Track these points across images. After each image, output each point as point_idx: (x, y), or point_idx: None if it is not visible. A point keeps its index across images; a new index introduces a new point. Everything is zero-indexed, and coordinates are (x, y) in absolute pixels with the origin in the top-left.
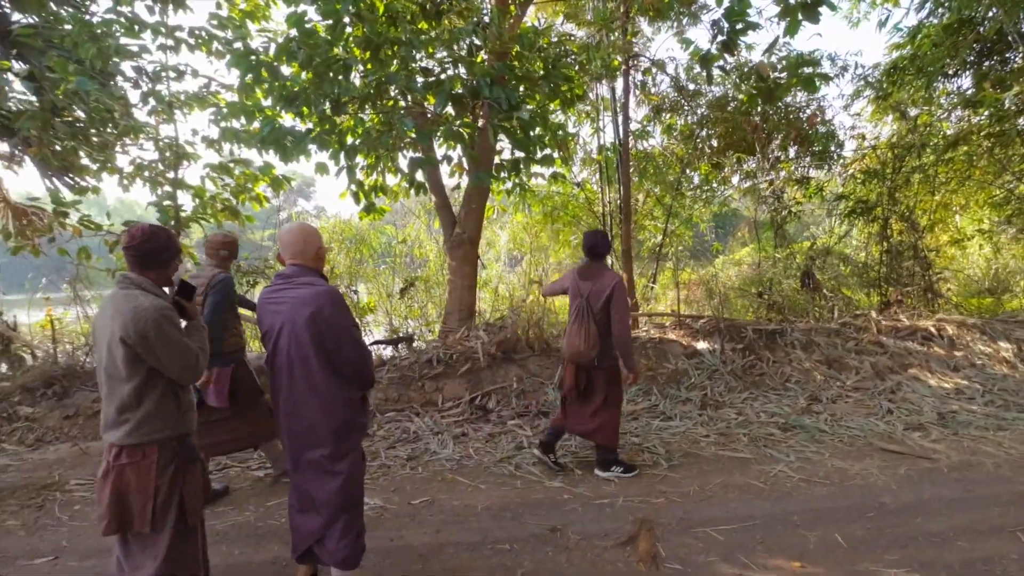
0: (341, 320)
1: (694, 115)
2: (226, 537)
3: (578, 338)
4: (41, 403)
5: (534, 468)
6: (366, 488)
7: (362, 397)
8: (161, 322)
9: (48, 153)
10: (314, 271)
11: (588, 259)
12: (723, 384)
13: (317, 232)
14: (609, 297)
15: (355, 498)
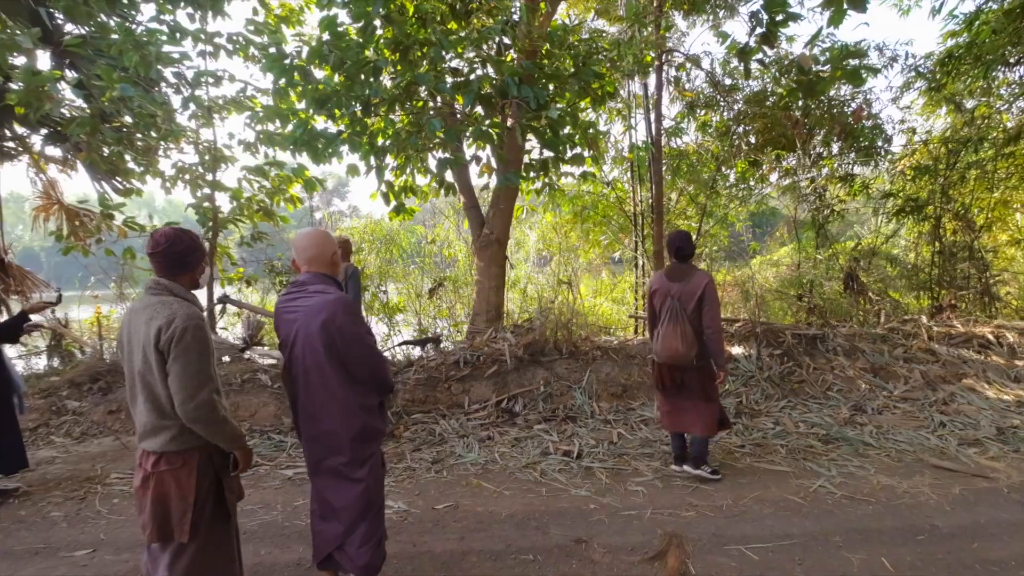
0: (353, 327)
1: (731, 111)
2: (254, 536)
3: (675, 339)
4: (87, 397)
5: (559, 475)
6: (391, 491)
7: (380, 403)
8: (192, 331)
9: (96, 157)
10: (328, 278)
11: (675, 260)
12: (759, 391)
13: (331, 238)
14: (701, 297)
15: (375, 504)
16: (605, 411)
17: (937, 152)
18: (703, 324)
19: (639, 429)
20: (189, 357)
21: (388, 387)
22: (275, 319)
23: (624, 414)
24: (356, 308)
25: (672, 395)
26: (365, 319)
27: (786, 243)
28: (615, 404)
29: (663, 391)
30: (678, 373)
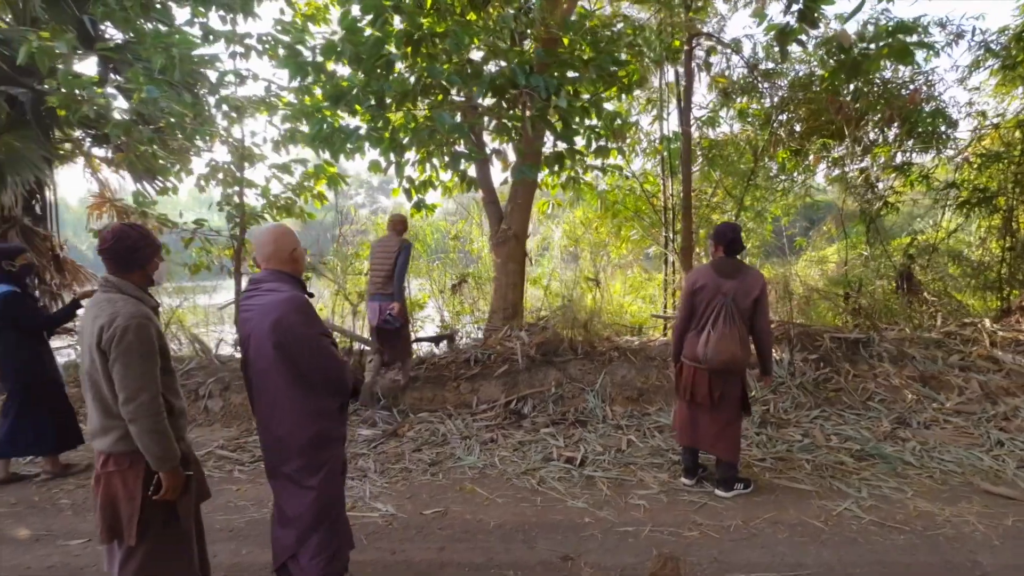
0: (305, 329)
1: (771, 97)
2: (239, 534)
3: (733, 343)
4: None
5: (558, 483)
6: (383, 493)
7: (340, 406)
8: (134, 331)
9: (133, 157)
10: (285, 276)
11: (723, 255)
12: (789, 399)
13: (290, 233)
14: (758, 298)
15: (329, 514)
16: (618, 416)
17: (1010, 137)
18: (755, 327)
19: (652, 436)
20: (130, 358)
21: (345, 391)
22: (237, 319)
23: (638, 419)
24: (309, 307)
25: (704, 408)
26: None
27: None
28: (630, 408)
29: (691, 402)
30: (720, 382)
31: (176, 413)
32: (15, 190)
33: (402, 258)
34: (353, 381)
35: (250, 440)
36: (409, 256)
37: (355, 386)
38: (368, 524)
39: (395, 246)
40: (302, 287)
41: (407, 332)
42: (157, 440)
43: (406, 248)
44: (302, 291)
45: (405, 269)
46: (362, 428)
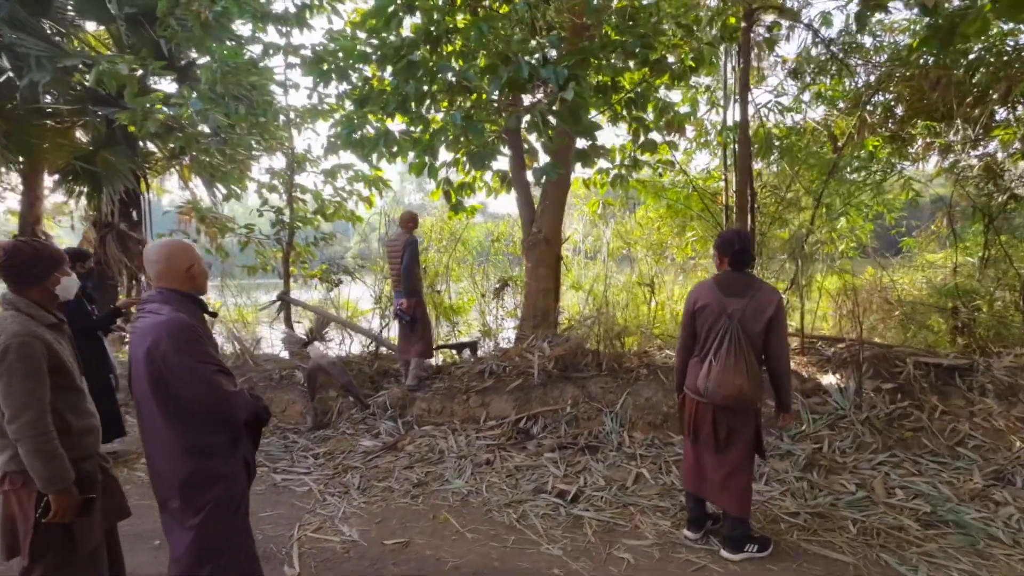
0: (180, 356)
1: (856, 76)
2: None
3: (739, 374)
4: None
5: (540, 521)
6: (355, 514)
7: (230, 441)
8: (16, 350)
9: (197, 166)
10: (179, 294)
11: (731, 268)
12: (851, 437)
13: (186, 249)
14: (771, 319)
15: (213, 558)
16: (636, 443)
17: None
18: (769, 354)
19: (667, 472)
20: (11, 377)
21: (233, 423)
22: None
23: (657, 449)
24: (189, 331)
25: (709, 448)
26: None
27: (945, 240)
28: (651, 436)
29: (695, 440)
30: (728, 420)
31: (75, 432)
32: (112, 199)
33: (407, 254)
34: (254, 409)
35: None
36: (415, 252)
37: (257, 415)
38: (326, 549)
39: (401, 243)
40: (198, 306)
41: (420, 332)
42: (43, 461)
43: (410, 244)
44: (197, 311)
45: (412, 265)
46: (365, 439)
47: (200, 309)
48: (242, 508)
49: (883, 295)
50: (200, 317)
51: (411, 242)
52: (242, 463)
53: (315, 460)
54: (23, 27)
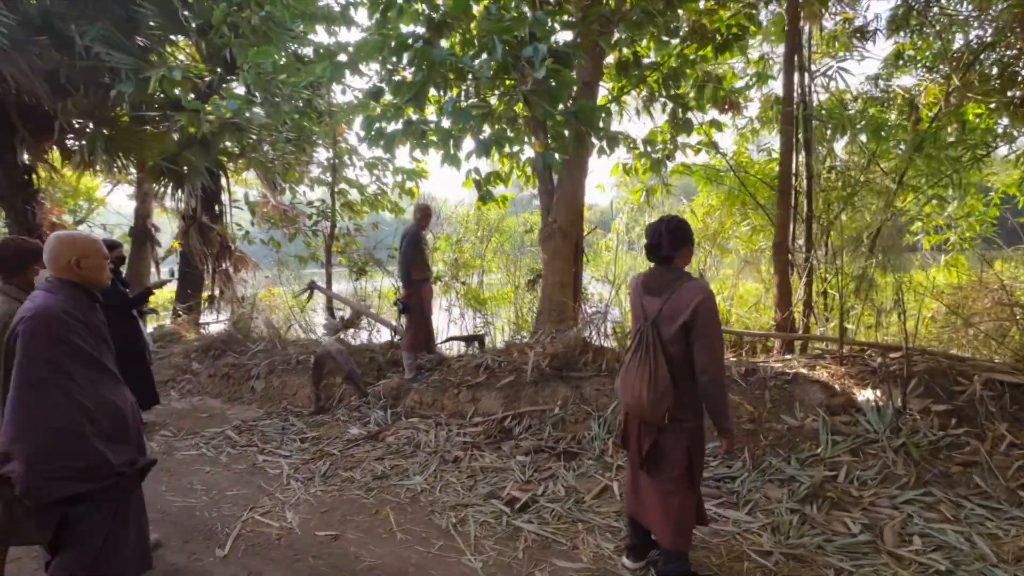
0: (32, 350)
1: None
2: (164, 519)
3: (638, 382)
4: (205, 362)
5: (477, 529)
6: (307, 501)
7: (108, 435)
8: None
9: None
10: (64, 283)
11: (655, 264)
12: (876, 467)
13: (73, 242)
14: (688, 323)
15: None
16: (620, 453)
17: None
18: (695, 365)
19: None
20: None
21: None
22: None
23: None
24: (53, 324)
25: (637, 465)
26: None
27: None
28: None
29: (632, 454)
30: (652, 434)
31: None
32: (193, 194)
33: (404, 245)
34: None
35: (263, 422)
36: (413, 243)
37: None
38: (262, 534)
39: (402, 235)
40: (87, 296)
41: (418, 323)
42: None
43: (408, 235)
44: (85, 300)
45: (408, 256)
46: (354, 427)
47: (89, 299)
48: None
49: (996, 295)
50: (87, 306)
51: (407, 233)
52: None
53: (300, 444)
54: (114, 44)
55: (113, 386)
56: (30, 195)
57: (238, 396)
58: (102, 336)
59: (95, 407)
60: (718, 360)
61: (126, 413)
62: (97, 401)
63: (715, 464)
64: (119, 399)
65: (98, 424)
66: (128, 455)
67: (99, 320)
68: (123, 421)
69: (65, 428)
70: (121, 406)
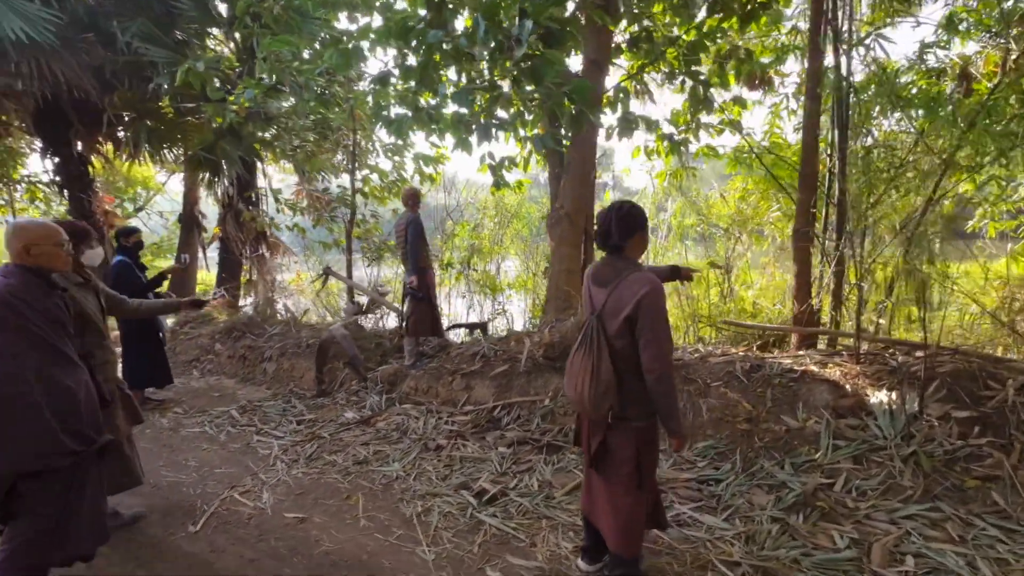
0: None
1: None
2: (149, 492)
3: (581, 377)
4: (226, 343)
5: (439, 520)
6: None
7: (59, 415)
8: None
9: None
10: (25, 268)
11: (606, 252)
12: (880, 476)
13: (23, 228)
14: (631, 317)
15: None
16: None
17: None
18: (642, 362)
19: None
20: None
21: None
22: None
23: None
24: (4, 307)
25: (588, 462)
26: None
27: None
28: None
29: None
30: (599, 431)
31: (99, 361)
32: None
33: (410, 233)
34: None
35: (268, 403)
36: (418, 230)
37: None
38: (236, 513)
39: (404, 222)
40: (42, 280)
41: (424, 309)
42: None
43: (412, 222)
44: (37, 284)
45: (416, 243)
46: (350, 411)
47: (45, 284)
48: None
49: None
50: (40, 290)
51: (412, 220)
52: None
53: (296, 426)
54: (151, 39)
55: (64, 367)
56: (85, 184)
57: (251, 377)
58: (56, 319)
59: (44, 388)
60: (664, 356)
61: (77, 394)
62: (47, 382)
63: (702, 465)
64: (71, 380)
65: (49, 405)
66: (81, 435)
67: (53, 304)
68: (74, 402)
69: (11, 408)
70: (72, 387)
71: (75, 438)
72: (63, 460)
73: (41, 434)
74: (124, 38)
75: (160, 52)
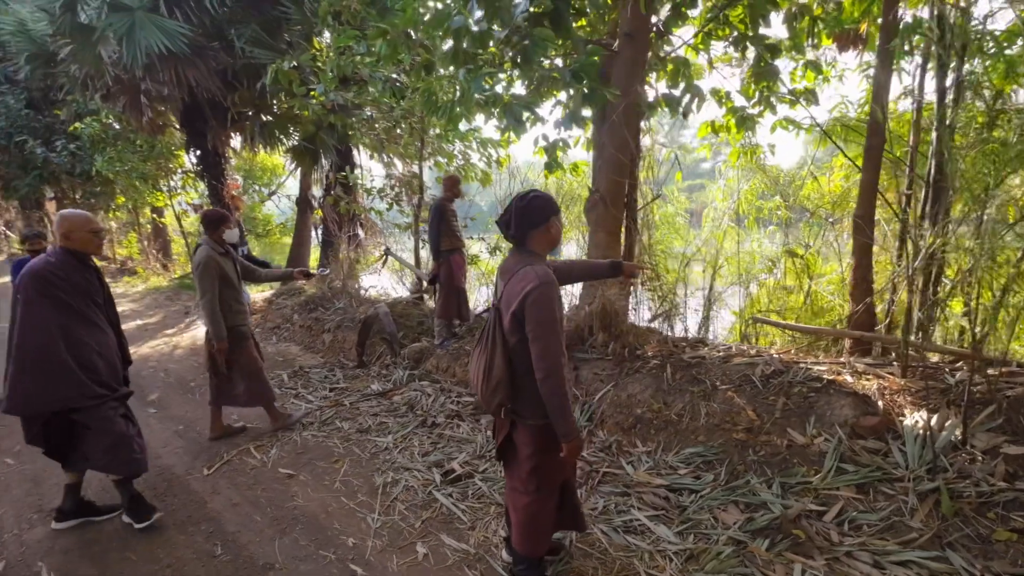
0: (25, 300)
1: None
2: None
3: (477, 372)
4: (302, 314)
5: (399, 494)
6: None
7: (83, 367)
8: (201, 264)
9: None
10: (66, 251)
11: (512, 244)
12: (885, 511)
13: (66, 219)
14: (516, 313)
15: None
16: (592, 443)
17: None
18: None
19: (590, 480)
20: (202, 277)
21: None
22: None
23: (602, 454)
24: (42, 280)
25: (495, 456)
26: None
27: None
28: (613, 438)
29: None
30: (503, 427)
31: (235, 311)
32: (328, 170)
33: (431, 217)
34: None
35: (315, 370)
36: (439, 215)
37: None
38: (243, 463)
39: (432, 207)
40: (75, 260)
41: (447, 292)
42: (212, 322)
43: (434, 208)
44: (74, 263)
45: (436, 228)
46: (376, 383)
47: (79, 263)
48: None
49: None
50: (74, 268)
51: (435, 206)
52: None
53: (328, 393)
54: (260, 43)
55: (89, 328)
56: (218, 173)
57: (312, 346)
58: (85, 291)
59: (69, 344)
60: (551, 355)
61: (98, 352)
62: (72, 341)
63: (683, 472)
64: (91, 339)
65: (74, 357)
66: (101, 382)
67: (84, 279)
68: (92, 356)
69: (45, 358)
70: (91, 344)
71: (97, 384)
72: (87, 401)
73: (65, 380)
74: (239, 43)
75: (266, 53)
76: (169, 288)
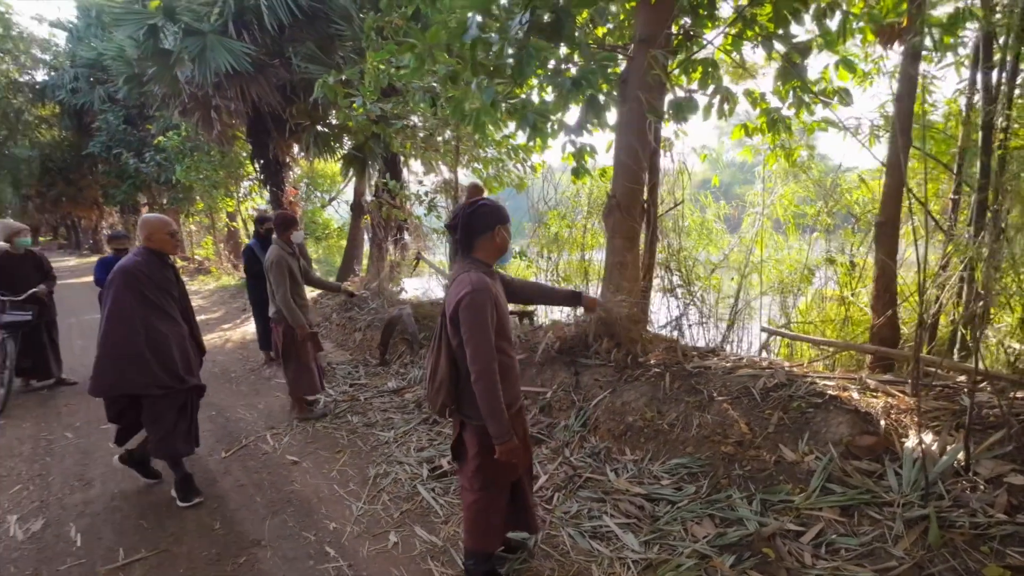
0: (113, 293)
1: None
2: (215, 432)
3: (427, 372)
4: (340, 313)
5: (387, 485)
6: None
7: (157, 357)
8: (274, 263)
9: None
10: (149, 251)
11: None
12: (868, 537)
13: (145, 222)
14: (452, 317)
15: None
16: (582, 448)
17: None
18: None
19: (566, 486)
20: (276, 274)
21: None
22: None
23: (589, 460)
24: (128, 276)
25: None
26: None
27: None
28: (603, 445)
29: None
30: (457, 425)
31: (300, 304)
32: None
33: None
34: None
35: (341, 366)
36: None
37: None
38: (256, 449)
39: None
40: (158, 259)
41: None
42: (288, 311)
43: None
44: (155, 261)
45: None
46: (392, 380)
47: (160, 261)
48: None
49: None
50: (155, 266)
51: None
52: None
53: (347, 388)
54: (313, 59)
55: (166, 322)
56: (280, 180)
57: (344, 343)
58: (164, 288)
59: (148, 336)
60: (481, 358)
61: (171, 341)
62: (151, 331)
63: (665, 482)
64: (170, 333)
65: (150, 347)
66: (173, 373)
67: (163, 277)
68: (168, 348)
69: (125, 347)
70: (169, 336)
71: (169, 375)
72: (155, 390)
73: (140, 368)
74: (296, 60)
75: (320, 69)
76: (235, 287)
